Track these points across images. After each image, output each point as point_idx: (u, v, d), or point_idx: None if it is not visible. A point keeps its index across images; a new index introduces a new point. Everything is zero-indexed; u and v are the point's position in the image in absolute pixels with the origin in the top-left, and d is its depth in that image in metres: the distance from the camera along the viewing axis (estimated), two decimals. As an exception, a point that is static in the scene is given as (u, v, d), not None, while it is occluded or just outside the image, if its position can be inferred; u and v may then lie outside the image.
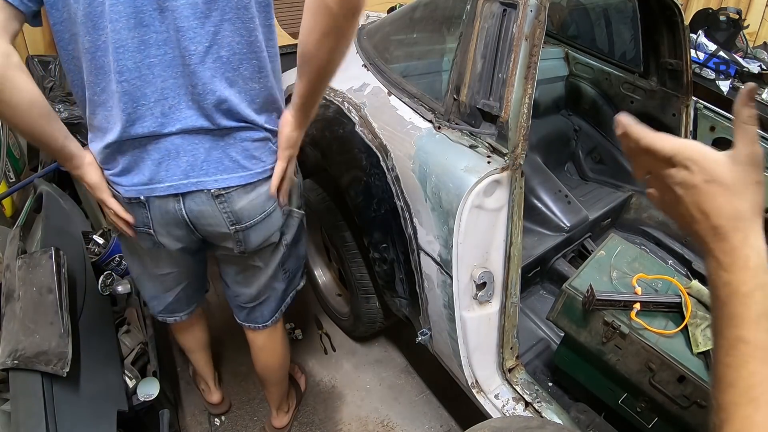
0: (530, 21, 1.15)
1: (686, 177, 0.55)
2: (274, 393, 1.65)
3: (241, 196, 1.01)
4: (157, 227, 1.04)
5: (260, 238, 1.11)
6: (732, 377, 0.53)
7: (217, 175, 0.98)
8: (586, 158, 2.26)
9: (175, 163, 0.95)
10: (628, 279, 1.32)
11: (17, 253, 1.29)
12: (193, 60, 0.86)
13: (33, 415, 1.05)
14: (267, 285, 1.29)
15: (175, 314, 1.42)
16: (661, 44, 1.82)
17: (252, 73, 0.94)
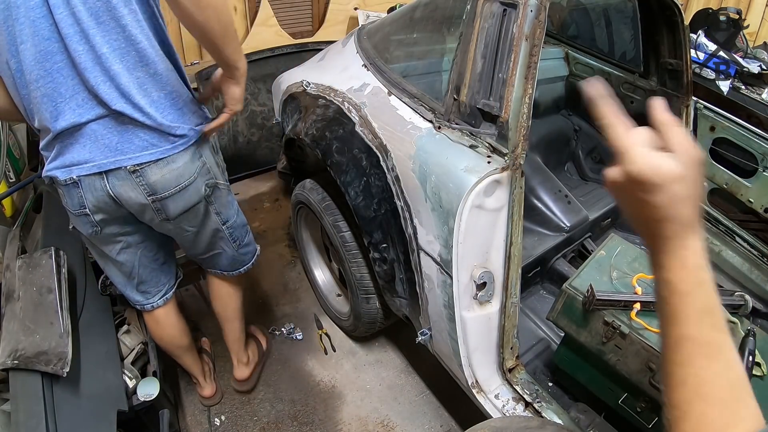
0: (530, 21, 1.15)
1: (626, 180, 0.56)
2: (228, 333, 1.79)
3: (155, 171, 1.17)
4: (90, 206, 1.20)
5: (179, 207, 1.26)
6: (681, 375, 0.53)
7: (131, 153, 1.14)
8: (586, 158, 2.26)
9: (96, 146, 1.13)
10: (628, 279, 1.32)
11: (17, 253, 1.29)
12: (81, 60, 1.04)
13: (33, 415, 1.05)
14: (212, 243, 1.46)
15: (150, 299, 1.50)
16: (661, 44, 1.82)
17: (134, 63, 1.09)
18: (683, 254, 0.54)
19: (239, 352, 1.86)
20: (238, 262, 1.59)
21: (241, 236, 1.54)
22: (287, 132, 1.95)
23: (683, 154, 0.53)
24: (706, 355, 0.53)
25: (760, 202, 1.75)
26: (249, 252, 1.62)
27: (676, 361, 0.54)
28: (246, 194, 3.05)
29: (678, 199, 0.54)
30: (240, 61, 1.19)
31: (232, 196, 1.47)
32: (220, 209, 1.39)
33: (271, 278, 2.46)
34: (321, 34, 3.44)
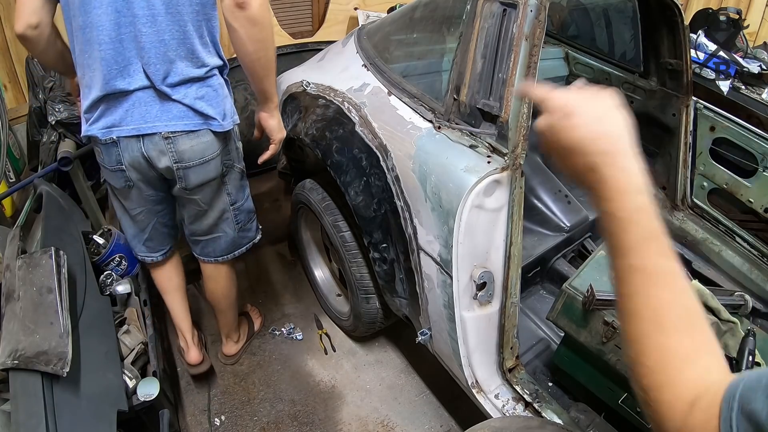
0: (530, 21, 1.15)
1: (546, 120, 0.58)
2: (222, 320, 1.91)
3: (185, 140, 1.32)
4: (126, 164, 1.36)
5: (199, 179, 1.41)
6: (634, 307, 0.52)
7: (167, 122, 1.29)
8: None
9: (138, 111, 1.28)
10: (628, 279, 1.32)
11: (17, 253, 1.29)
12: (144, 40, 1.20)
13: (33, 415, 1.05)
14: (216, 225, 1.58)
15: (152, 253, 1.68)
16: (661, 44, 1.82)
17: (185, 55, 1.26)
18: (618, 177, 0.53)
19: (230, 332, 1.97)
20: (234, 244, 1.68)
21: (244, 220, 1.64)
22: (287, 132, 1.95)
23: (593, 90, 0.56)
24: (655, 284, 0.51)
25: (760, 202, 1.75)
26: (248, 237, 1.71)
27: (627, 293, 0.52)
28: (246, 194, 3.05)
29: (596, 119, 0.54)
30: (276, 95, 1.38)
31: (245, 181, 1.59)
32: (231, 190, 1.53)
33: (271, 278, 2.46)
34: (321, 34, 3.44)
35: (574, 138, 0.55)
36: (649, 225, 0.52)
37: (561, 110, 0.56)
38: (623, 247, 0.52)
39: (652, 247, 0.52)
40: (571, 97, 0.57)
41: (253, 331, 2.13)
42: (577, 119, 0.55)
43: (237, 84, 2.82)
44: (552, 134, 0.57)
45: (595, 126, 0.54)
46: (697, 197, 1.94)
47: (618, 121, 0.55)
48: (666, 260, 0.51)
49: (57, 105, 1.87)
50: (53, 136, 1.90)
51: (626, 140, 0.54)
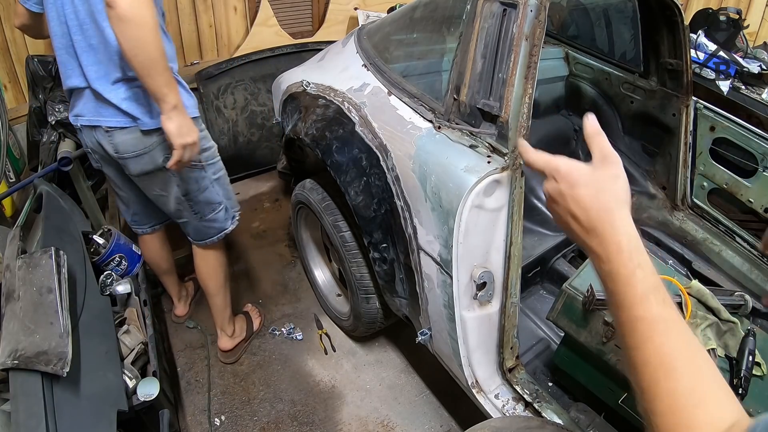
0: (530, 21, 1.15)
1: (554, 187, 0.65)
2: (212, 306, 1.97)
3: (120, 135, 1.46)
4: (89, 148, 1.59)
5: (138, 169, 1.53)
6: (642, 357, 0.54)
7: (105, 118, 1.45)
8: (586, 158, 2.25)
9: (87, 106, 1.46)
10: (628, 279, 1.32)
11: (17, 253, 1.29)
12: (77, 46, 1.36)
13: (33, 415, 1.05)
14: (177, 210, 1.68)
15: (140, 226, 1.86)
16: (661, 44, 1.82)
17: (109, 59, 1.37)
18: (619, 240, 0.58)
19: (223, 324, 2.00)
20: (201, 233, 1.76)
21: (203, 211, 1.70)
22: (287, 132, 1.95)
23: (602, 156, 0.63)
24: (660, 331, 0.54)
25: (760, 202, 1.75)
26: (214, 228, 1.77)
27: (633, 345, 0.55)
28: (246, 194, 3.05)
29: (599, 191, 0.61)
30: (167, 96, 1.31)
31: (200, 174, 1.62)
32: (180, 181, 1.59)
33: (271, 278, 2.46)
34: (321, 34, 3.44)
35: (578, 207, 0.62)
36: (649, 279, 0.56)
37: (566, 180, 0.63)
38: (627, 301, 0.56)
39: (654, 298, 0.55)
40: (576, 167, 0.64)
41: (252, 331, 2.13)
42: (581, 190, 0.62)
43: (237, 84, 2.82)
44: (558, 201, 0.65)
45: (598, 197, 0.61)
46: (697, 197, 1.94)
47: (618, 191, 0.62)
48: (668, 309, 0.55)
49: (57, 105, 1.87)
50: (53, 136, 1.91)
51: (625, 208, 0.61)
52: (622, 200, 0.61)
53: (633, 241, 0.59)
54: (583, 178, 0.62)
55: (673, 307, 0.56)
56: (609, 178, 0.62)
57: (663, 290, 0.56)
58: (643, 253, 0.58)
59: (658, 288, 0.56)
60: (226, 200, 1.75)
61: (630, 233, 0.59)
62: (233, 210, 1.80)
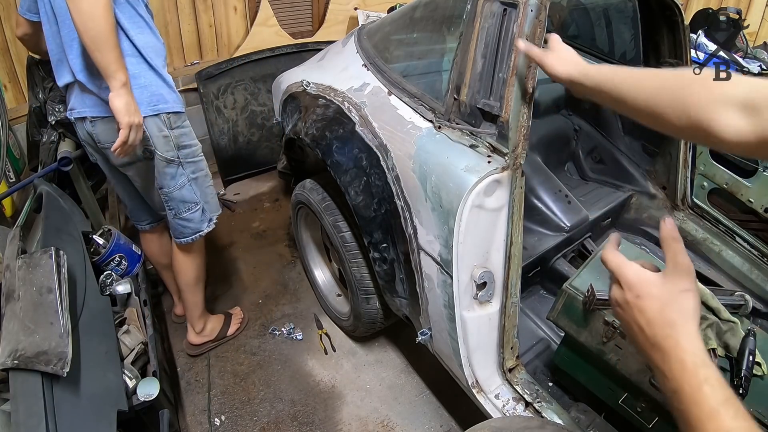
0: (530, 21, 1.15)
1: (620, 294, 0.64)
2: (185, 303, 2.00)
3: (101, 125, 1.54)
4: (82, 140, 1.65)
5: (118, 159, 1.57)
6: None
7: (90, 107, 1.51)
8: (586, 158, 2.26)
9: (78, 98, 1.53)
10: (629, 279, 1.32)
11: (17, 253, 1.29)
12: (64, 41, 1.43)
13: (33, 415, 1.05)
14: (159, 203, 1.73)
15: (138, 222, 1.92)
16: (661, 44, 1.82)
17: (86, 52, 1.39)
18: (681, 357, 0.56)
19: (192, 319, 2.03)
20: (176, 230, 1.78)
21: (178, 208, 1.72)
22: (287, 132, 1.95)
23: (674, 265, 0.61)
24: None
25: (760, 202, 1.75)
26: (189, 227, 1.78)
27: None
28: (246, 194, 3.05)
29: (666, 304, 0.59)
30: (116, 72, 1.32)
31: (176, 170, 1.65)
32: (156, 175, 1.63)
33: (271, 278, 2.46)
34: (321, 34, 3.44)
35: (643, 319, 0.61)
36: (720, 392, 0.54)
37: (633, 290, 0.62)
38: (695, 418, 0.54)
39: (727, 413, 0.53)
40: (644, 277, 0.63)
41: (225, 335, 2.13)
42: (648, 302, 0.61)
43: (237, 84, 2.82)
44: (623, 309, 0.64)
45: (663, 311, 0.59)
46: (697, 197, 1.94)
47: (686, 306, 0.59)
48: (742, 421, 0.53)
49: (57, 105, 1.86)
50: (53, 136, 1.90)
51: (692, 323, 0.59)
52: (690, 316, 0.59)
53: (699, 356, 0.56)
54: (652, 290, 0.61)
55: (747, 419, 0.53)
56: (678, 291, 0.60)
57: (735, 402, 0.54)
58: (710, 368, 0.56)
59: (729, 401, 0.54)
60: (204, 202, 1.76)
61: (696, 350, 0.57)
62: (210, 213, 1.81)
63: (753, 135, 0.70)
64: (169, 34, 2.91)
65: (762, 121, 0.69)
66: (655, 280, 0.62)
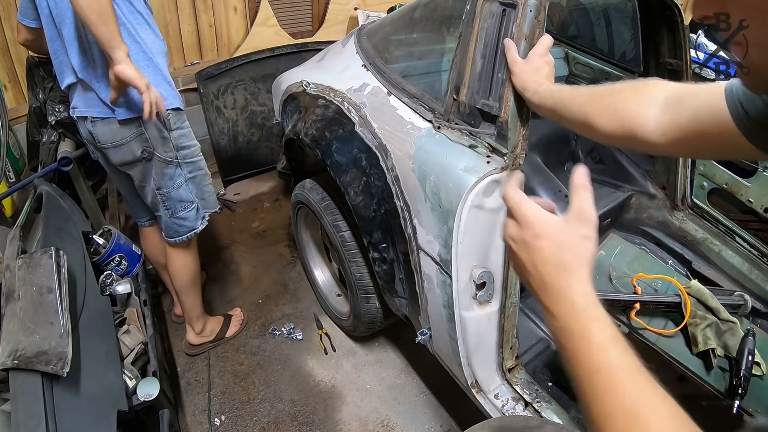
0: (530, 21, 1.15)
1: (517, 233, 0.64)
2: (182, 305, 2.01)
3: (100, 125, 1.55)
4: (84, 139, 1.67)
5: (118, 158, 1.61)
6: (606, 409, 0.53)
7: (90, 108, 1.53)
8: (585, 158, 2.26)
9: (81, 98, 1.55)
10: (628, 279, 1.32)
11: (17, 253, 1.29)
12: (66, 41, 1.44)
13: (33, 415, 1.05)
14: (153, 203, 1.75)
15: (139, 219, 1.95)
16: (661, 44, 1.82)
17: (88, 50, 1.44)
18: (572, 297, 0.57)
19: (190, 320, 2.04)
20: (171, 229, 1.80)
21: (175, 208, 1.74)
22: (287, 132, 1.95)
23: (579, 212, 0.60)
24: (623, 380, 0.53)
25: (760, 202, 1.75)
26: (184, 226, 1.80)
27: (597, 396, 0.54)
28: (246, 194, 3.05)
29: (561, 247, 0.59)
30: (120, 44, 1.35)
31: (175, 171, 1.67)
32: (155, 175, 1.65)
33: (271, 278, 2.46)
34: (321, 34, 3.44)
35: (538, 258, 0.60)
36: (607, 331, 0.55)
37: (532, 229, 0.61)
38: (583, 354, 0.55)
39: (614, 350, 0.54)
40: (545, 218, 0.62)
41: (223, 336, 2.13)
42: (545, 242, 0.60)
43: (237, 84, 2.82)
44: (518, 247, 0.63)
45: (559, 253, 0.59)
46: (697, 197, 1.94)
47: (582, 252, 0.59)
48: (629, 358, 0.54)
49: (57, 105, 1.87)
50: (53, 136, 1.90)
51: (586, 268, 0.59)
52: (585, 262, 0.59)
53: (589, 297, 0.57)
54: (551, 231, 0.61)
55: (634, 357, 0.54)
56: (578, 237, 0.60)
57: (622, 341, 0.55)
58: (599, 308, 0.57)
59: (616, 339, 0.55)
60: (199, 200, 1.79)
61: (586, 292, 0.58)
62: (204, 210, 1.84)
63: (674, 129, 0.75)
64: (169, 34, 2.92)
65: (681, 111, 0.75)
66: (555, 223, 0.61)
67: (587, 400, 0.54)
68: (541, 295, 0.61)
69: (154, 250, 1.99)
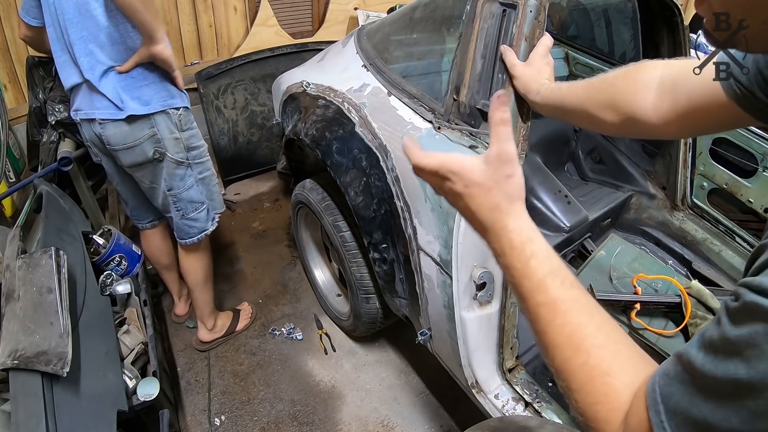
0: (530, 21, 1.15)
1: (450, 187, 0.65)
2: (195, 303, 2.02)
3: (111, 127, 1.52)
4: (87, 141, 1.65)
5: (129, 160, 1.59)
6: (550, 340, 0.56)
7: (98, 110, 1.51)
8: (585, 158, 2.26)
9: (86, 99, 1.53)
10: (628, 279, 1.32)
11: (17, 253, 1.29)
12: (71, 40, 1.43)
13: (33, 415, 1.05)
14: (164, 205, 1.74)
15: (140, 221, 1.92)
16: (661, 44, 1.82)
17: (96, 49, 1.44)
18: (509, 236, 0.61)
19: (202, 317, 2.04)
20: (182, 231, 1.80)
21: (186, 209, 1.74)
22: (287, 132, 1.95)
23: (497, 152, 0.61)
24: (562, 312, 0.56)
25: (760, 202, 1.75)
26: (196, 227, 1.80)
27: (541, 329, 0.57)
28: (246, 194, 3.05)
29: (489, 190, 0.62)
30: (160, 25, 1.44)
31: (185, 172, 1.68)
32: (166, 176, 1.65)
33: (271, 278, 2.46)
34: (321, 34, 3.44)
35: (473, 204, 0.64)
36: (546, 264, 0.58)
37: (462, 179, 0.64)
38: (526, 290, 0.59)
39: (553, 282, 0.57)
40: (468, 166, 0.63)
41: (234, 330, 2.15)
42: (475, 189, 0.63)
43: (237, 84, 2.82)
44: (455, 199, 0.66)
45: (489, 196, 0.62)
46: (697, 197, 1.94)
47: (509, 190, 0.62)
48: (568, 289, 0.57)
49: (57, 105, 1.86)
50: (53, 136, 1.90)
51: (517, 204, 0.62)
52: (515, 197, 0.62)
53: (525, 234, 0.61)
54: (476, 177, 0.63)
55: (574, 286, 0.58)
56: (502, 177, 0.62)
57: (562, 272, 0.58)
58: (535, 242, 0.60)
59: (555, 272, 0.58)
60: (209, 201, 1.79)
61: (522, 228, 0.61)
62: (214, 211, 1.84)
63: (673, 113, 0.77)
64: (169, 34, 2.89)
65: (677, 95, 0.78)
66: (480, 167, 0.63)
67: (535, 331, 0.59)
68: (485, 236, 0.65)
69: (156, 251, 1.99)
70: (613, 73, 0.92)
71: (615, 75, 0.91)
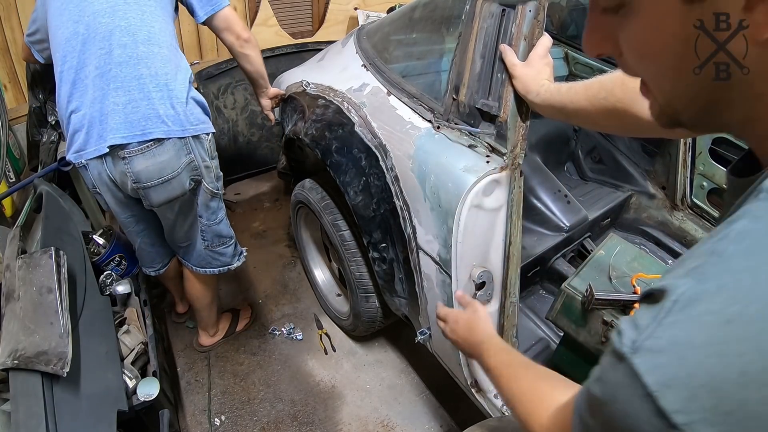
0: (529, 21, 1.15)
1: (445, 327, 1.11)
2: (198, 317, 2.01)
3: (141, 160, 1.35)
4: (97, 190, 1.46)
5: (163, 197, 1.43)
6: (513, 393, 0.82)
7: (146, 130, 1.33)
8: (585, 158, 2.26)
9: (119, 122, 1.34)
10: (628, 279, 1.32)
11: (17, 253, 1.29)
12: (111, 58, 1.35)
13: (33, 415, 1.05)
14: (186, 236, 1.64)
15: (150, 267, 1.81)
16: (660, 44, 1.82)
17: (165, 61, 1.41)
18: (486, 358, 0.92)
19: (206, 327, 2.05)
20: (204, 260, 1.73)
21: (212, 241, 1.69)
22: (287, 132, 1.95)
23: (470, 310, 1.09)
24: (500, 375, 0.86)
25: (759, 202, 1.75)
26: (220, 261, 1.76)
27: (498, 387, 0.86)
28: (246, 194, 3.05)
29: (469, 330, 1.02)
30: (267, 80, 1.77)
31: (218, 204, 1.63)
32: (198, 207, 1.58)
33: (271, 278, 2.46)
34: (321, 34, 3.44)
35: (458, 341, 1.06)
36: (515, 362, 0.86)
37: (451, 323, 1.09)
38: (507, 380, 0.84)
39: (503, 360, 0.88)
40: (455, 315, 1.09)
41: (233, 331, 2.15)
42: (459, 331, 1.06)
43: (237, 84, 2.82)
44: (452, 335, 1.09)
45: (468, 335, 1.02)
46: (696, 197, 1.94)
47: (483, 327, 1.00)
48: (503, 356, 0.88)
49: (57, 108, 1.87)
50: (53, 136, 1.91)
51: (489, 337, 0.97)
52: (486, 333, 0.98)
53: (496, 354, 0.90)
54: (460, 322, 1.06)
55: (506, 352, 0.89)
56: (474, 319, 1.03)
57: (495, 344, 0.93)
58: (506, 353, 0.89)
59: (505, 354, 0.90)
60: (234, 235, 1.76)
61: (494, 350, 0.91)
62: (241, 247, 1.83)
63: None
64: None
65: None
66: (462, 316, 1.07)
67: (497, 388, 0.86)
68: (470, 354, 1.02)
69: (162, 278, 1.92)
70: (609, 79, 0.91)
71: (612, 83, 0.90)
